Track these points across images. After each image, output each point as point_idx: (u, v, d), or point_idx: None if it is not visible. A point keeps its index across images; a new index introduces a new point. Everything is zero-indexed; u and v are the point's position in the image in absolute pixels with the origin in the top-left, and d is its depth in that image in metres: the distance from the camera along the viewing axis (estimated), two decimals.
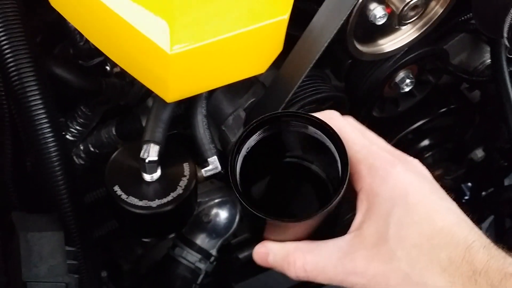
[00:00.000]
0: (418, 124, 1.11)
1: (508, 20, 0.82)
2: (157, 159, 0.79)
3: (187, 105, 0.87)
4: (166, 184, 0.80)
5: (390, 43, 0.90)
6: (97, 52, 0.89)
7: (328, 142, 0.58)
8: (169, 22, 0.65)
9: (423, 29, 0.90)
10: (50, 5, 0.75)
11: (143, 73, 0.72)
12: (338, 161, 0.57)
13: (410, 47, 0.92)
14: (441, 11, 0.89)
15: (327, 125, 0.58)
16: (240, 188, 0.57)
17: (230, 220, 1.07)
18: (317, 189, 0.64)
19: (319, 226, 0.58)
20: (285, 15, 0.70)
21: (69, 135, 1.01)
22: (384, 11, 0.83)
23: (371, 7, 0.82)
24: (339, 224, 0.62)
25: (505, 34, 0.83)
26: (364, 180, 0.58)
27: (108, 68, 0.94)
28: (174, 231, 1.02)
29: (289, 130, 0.60)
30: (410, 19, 0.87)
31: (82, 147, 1.03)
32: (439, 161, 1.21)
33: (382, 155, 0.59)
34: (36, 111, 0.78)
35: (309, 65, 0.79)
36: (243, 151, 0.58)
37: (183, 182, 0.80)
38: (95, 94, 0.96)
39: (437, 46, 0.99)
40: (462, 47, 1.07)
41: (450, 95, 1.14)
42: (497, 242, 0.55)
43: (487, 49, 1.07)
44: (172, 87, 0.71)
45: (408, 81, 0.97)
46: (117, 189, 0.79)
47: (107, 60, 0.93)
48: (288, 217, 0.56)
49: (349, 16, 0.79)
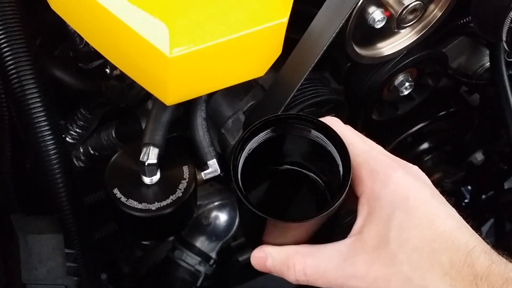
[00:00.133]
0: (418, 127, 1.11)
1: (507, 23, 0.82)
2: (156, 162, 0.79)
3: (187, 108, 0.87)
4: (166, 187, 0.80)
5: (389, 47, 0.90)
6: (96, 55, 0.89)
7: (330, 146, 0.58)
8: (168, 25, 0.65)
9: (422, 32, 0.90)
10: (50, 6, 0.75)
11: (143, 76, 0.72)
12: (340, 165, 0.57)
13: (409, 51, 0.92)
14: (440, 14, 0.89)
15: (330, 128, 0.58)
16: (242, 187, 0.57)
17: (230, 223, 1.07)
18: (316, 196, 0.64)
19: (318, 230, 0.58)
20: (284, 18, 0.70)
21: (69, 137, 1.01)
22: (383, 15, 0.83)
23: (370, 10, 0.82)
24: (338, 229, 0.62)
25: (504, 38, 0.83)
26: (365, 184, 0.58)
27: (107, 71, 0.94)
28: (174, 234, 1.03)
29: (291, 133, 0.60)
30: (409, 22, 0.87)
31: (82, 149, 1.03)
32: (439, 164, 1.21)
33: (383, 159, 0.59)
34: (35, 113, 0.78)
35: (308, 68, 0.79)
36: (245, 152, 0.58)
37: (183, 185, 0.80)
38: (94, 96, 0.97)
39: (436, 49, 0.99)
40: (461, 50, 1.07)
41: (449, 98, 1.15)
42: (497, 245, 0.56)
43: (486, 52, 1.06)
44: (171, 90, 0.71)
45: (407, 84, 0.97)
46: (116, 191, 0.79)
47: (106, 62, 0.93)
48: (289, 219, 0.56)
49: (348, 19, 0.79)
